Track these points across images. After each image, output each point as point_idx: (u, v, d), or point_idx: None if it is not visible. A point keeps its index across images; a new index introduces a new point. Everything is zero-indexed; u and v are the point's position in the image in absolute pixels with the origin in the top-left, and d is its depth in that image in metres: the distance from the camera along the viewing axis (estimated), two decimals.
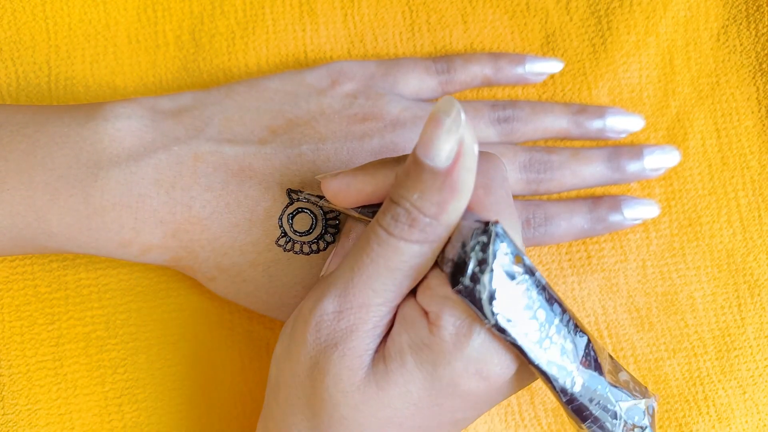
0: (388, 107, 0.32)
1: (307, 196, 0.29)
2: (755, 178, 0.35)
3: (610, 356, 0.25)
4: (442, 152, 0.22)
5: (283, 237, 0.30)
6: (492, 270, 0.22)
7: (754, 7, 0.36)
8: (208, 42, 0.35)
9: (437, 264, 0.24)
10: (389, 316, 0.24)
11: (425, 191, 0.22)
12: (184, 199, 0.29)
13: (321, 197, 0.29)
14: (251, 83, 0.32)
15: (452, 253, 0.23)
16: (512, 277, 0.22)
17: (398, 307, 0.25)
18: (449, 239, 0.23)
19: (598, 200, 0.34)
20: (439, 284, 0.23)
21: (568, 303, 0.34)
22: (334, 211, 0.30)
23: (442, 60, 0.34)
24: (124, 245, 0.29)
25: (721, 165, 0.35)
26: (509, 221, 0.24)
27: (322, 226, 0.30)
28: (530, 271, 0.22)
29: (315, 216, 0.30)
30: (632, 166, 0.34)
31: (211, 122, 0.31)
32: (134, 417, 0.33)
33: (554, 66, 0.35)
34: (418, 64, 0.34)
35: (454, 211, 0.23)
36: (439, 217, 0.23)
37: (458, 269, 0.22)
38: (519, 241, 0.24)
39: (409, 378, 0.24)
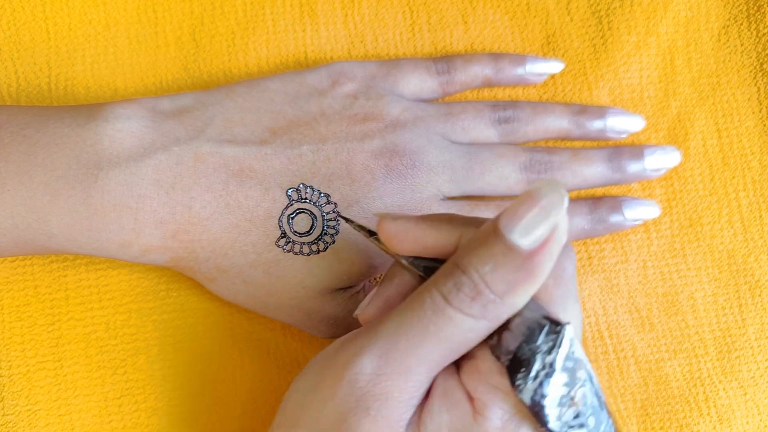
0: (389, 108, 0.32)
1: (358, 227, 0.27)
2: (756, 179, 0.35)
3: None
4: (532, 234, 0.20)
5: (283, 238, 0.30)
6: (556, 374, 0.21)
7: (755, 7, 0.36)
8: (209, 42, 0.35)
9: (489, 346, 0.22)
10: (427, 386, 0.23)
11: (499, 267, 0.21)
12: (184, 200, 0.29)
13: (372, 233, 0.27)
14: (252, 84, 0.32)
15: (513, 344, 0.21)
16: (573, 383, 0.21)
17: (437, 377, 0.23)
18: (508, 324, 0.22)
19: (599, 201, 0.34)
20: (492, 372, 0.22)
21: None
22: (333, 213, 0.30)
23: (443, 60, 0.34)
24: (125, 246, 0.29)
25: (722, 165, 0.35)
26: (575, 320, 0.23)
27: (322, 227, 0.30)
28: (590, 378, 0.21)
29: (315, 217, 0.30)
30: (633, 167, 0.34)
31: (211, 123, 0.30)
32: (134, 418, 0.33)
33: (555, 66, 0.35)
34: (419, 64, 0.34)
35: (523, 294, 0.21)
36: (506, 298, 0.21)
37: (520, 365, 0.21)
38: (581, 337, 0.23)
39: None
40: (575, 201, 0.34)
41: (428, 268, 0.24)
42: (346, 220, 0.28)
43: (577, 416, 0.21)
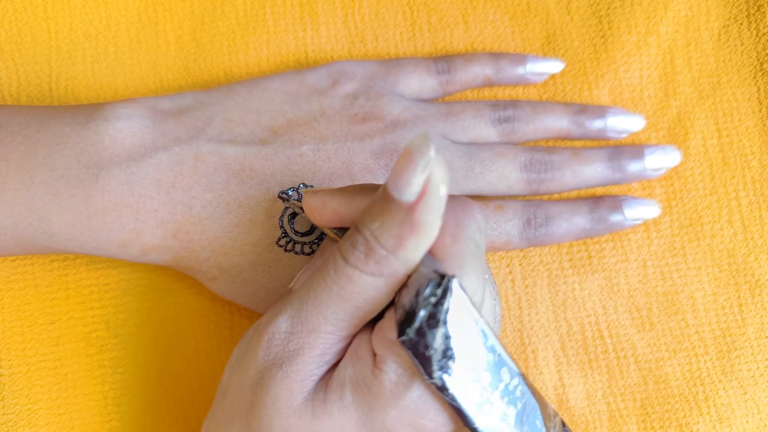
0: (389, 107, 0.32)
1: (293, 203, 0.29)
2: (756, 178, 0.35)
3: (563, 423, 0.25)
4: (408, 186, 0.21)
5: (283, 237, 0.30)
6: (440, 326, 0.21)
7: (755, 7, 0.36)
8: (209, 42, 0.35)
9: (393, 305, 0.23)
10: (340, 345, 0.24)
11: (385, 222, 0.22)
12: (184, 200, 0.29)
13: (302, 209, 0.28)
14: (252, 83, 0.32)
15: (406, 299, 0.22)
16: (461, 337, 0.21)
17: (354, 337, 0.24)
18: (406, 283, 0.22)
19: (599, 200, 0.34)
20: (390, 328, 0.23)
21: (569, 303, 0.34)
22: None
23: (443, 60, 0.34)
24: (125, 245, 0.29)
25: (722, 165, 0.35)
26: (473, 276, 0.23)
27: None
28: (483, 334, 0.22)
29: None
30: (633, 166, 0.34)
31: (211, 122, 0.31)
32: (134, 417, 0.33)
33: (555, 66, 0.35)
34: (419, 64, 0.34)
35: (412, 249, 0.22)
36: (396, 252, 0.22)
37: (407, 319, 0.21)
38: (479, 297, 0.23)
39: (344, 413, 0.23)
40: (576, 200, 0.34)
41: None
42: (283, 199, 0.29)
43: (467, 371, 0.21)
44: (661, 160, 0.34)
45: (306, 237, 0.30)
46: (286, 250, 0.30)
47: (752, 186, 0.35)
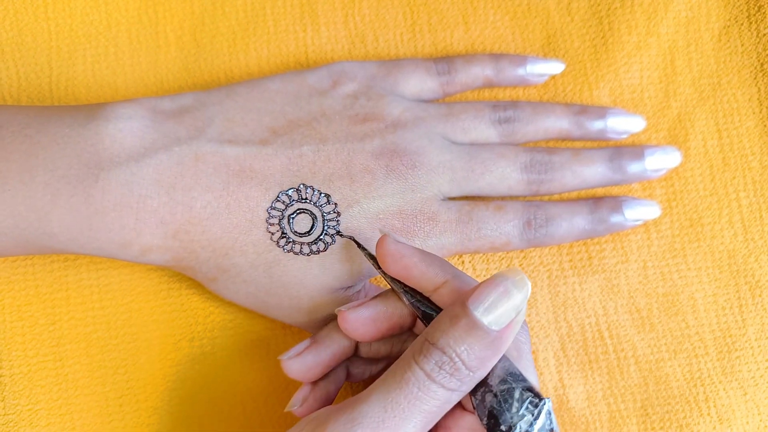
0: (389, 108, 0.32)
1: (363, 248, 0.29)
2: (756, 179, 0.35)
3: None
4: (500, 318, 0.24)
5: (283, 238, 0.30)
6: None
7: (756, 8, 0.36)
8: (209, 42, 0.35)
9: (473, 404, 0.25)
10: None
11: (473, 346, 0.24)
12: (184, 200, 0.29)
13: (373, 257, 0.29)
14: (252, 84, 0.32)
15: (490, 405, 0.24)
16: None
17: None
18: (491, 387, 0.24)
19: (599, 201, 0.34)
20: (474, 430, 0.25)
21: (569, 304, 0.34)
22: (333, 213, 0.30)
23: (443, 61, 0.34)
24: (125, 246, 0.29)
25: (722, 166, 0.35)
26: (534, 384, 0.25)
27: (322, 228, 0.30)
28: None
29: (315, 217, 0.30)
30: (633, 167, 0.34)
31: (212, 123, 0.31)
32: (134, 417, 0.33)
33: (555, 67, 0.35)
34: (419, 65, 0.34)
35: (491, 366, 0.24)
36: (478, 371, 0.24)
37: (496, 424, 0.24)
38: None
39: None
40: (576, 201, 0.34)
41: (415, 302, 0.27)
42: (358, 244, 0.29)
43: None
44: (661, 160, 0.34)
45: (305, 237, 0.30)
46: (285, 251, 0.30)
47: (752, 187, 0.35)
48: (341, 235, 0.30)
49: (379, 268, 0.28)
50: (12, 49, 0.35)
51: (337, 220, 0.30)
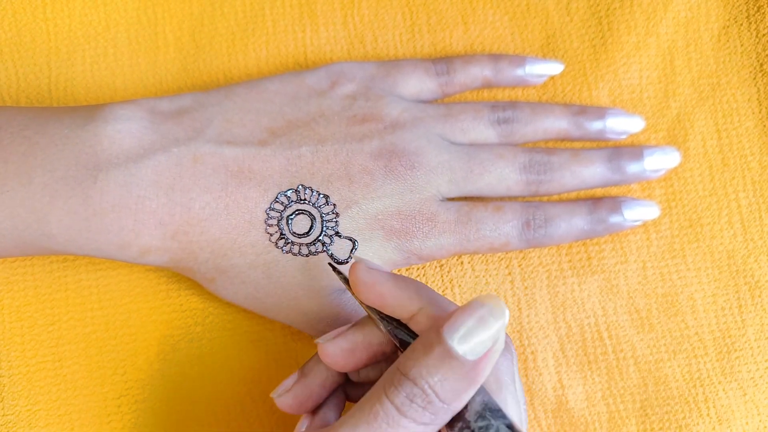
0: (388, 109, 0.32)
1: (339, 273, 0.28)
2: (756, 179, 0.35)
3: None
4: (476, 347, 0.22)
5: (282, 239, 0.30)
6: None
7: (755, 8, 0.36)
8: (208, 43, 0.35)
9: None
10: None
11: (447, 378, 0.22)
12: (183, 201, 0.29)
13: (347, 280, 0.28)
14: (251, 85, 0.32)
15: None
16: None
17: None
18: (457, 421, 0.23)
19: (598, 201, 0.34)
20: None
21: (568, 305, 0.34)
22: (332, 213, 0.30)
23: (442, 62, 0.34)
24: (124, 247, 0.29)
25: (721, 166, 0.35)
26: (514, 415, 0.24)
27: (321, 228, 0.30)
28: None
29: (314, 218, 0.30)
30: (632, 167, 0.34)
31: (210, 124, 0.31)
32: (134, 418, 0.33)
33: (554, 68, 0.35)
34: (418, 65, 0.34)
35: (466, 398, 0.23)
36: (453, 404, 0.22)
37: None
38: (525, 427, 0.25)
39: None
40: (575, 201, 0.34)
41: (393, 329, 0.25)
42: (334, 268, 0.28)
43: None
44: (660, 161, 0.34)
45: (304, 238, 0.30)
46: (284, 252, 0.30)
47: (752, 187, 0.35)
48: (340, 236, 0.30)
49: (354, 294, 0.27)
50: (11, 49, 0.35)
51: (336, 221, 0.30)
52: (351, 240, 0.30)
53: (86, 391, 0.33)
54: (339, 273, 0.28)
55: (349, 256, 0.30)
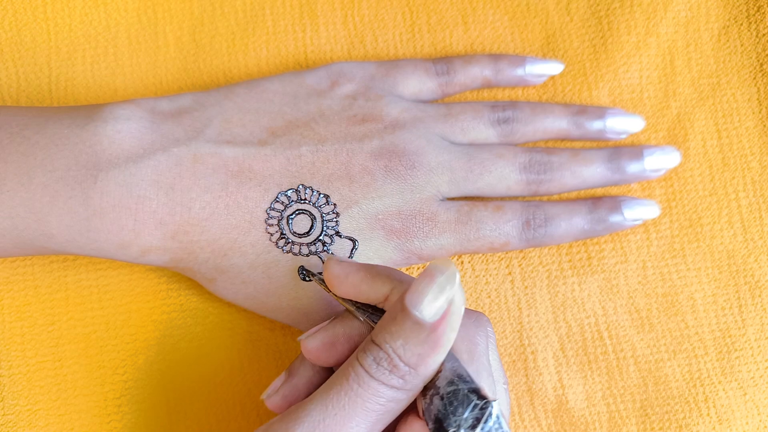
0: (388, 108, 0.32)
1: (320, 278, 0.29)
2: (756, 179, 0.35)
3: None
4: (431, 308, 0.23)
5: (282, 238, 0.30)
6: None
7: (755, 8, 0.36)
8: (209, 43, 0.35)
9: (422, 408, 0.24)
10: None
11: (408, 341, 0.23)
12: (183, 201, 0.29)
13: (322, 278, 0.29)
14: (251, 84, 0.32)
15: (441, 411, 0.23)
16: None
17: None
18: (438, 390, 0.23)
19: (598, 201, 0.34)
20: None
21: (568, 304, 0.34)
22: (332, 213, 0.30)
23: (442, 62, 0.34)
24: (124, 247, 0.29)
25: (721, 166, 0.35)
26: (488, 390, 0.24)
27: (321, 228, 0.30)
28: None
29: (314, 218, 0.30)
30: (632, 167, 0.34)
31: (210, 123, 0.31)
32: (134, 418, 0.33)
33: (554, 68, 0.35)
34: (418, 65, 0.34)
35: (432, 364, 0.23)
36: (418, 368, 0.23)
37: (441, 429, 0.23)
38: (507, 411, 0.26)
39: None
40: (575, 201, 0.34)
41: (369, 315, 0.26)
42: (308, 271, 0.29)
43: None
44: (660, 160, 0.34)
45: (304, 238, 0.30)
46: (284, 251, 0.30)
47: (752, 187, 0.35)
48: (340, 236, 0.30)
49: (330, 291, 0.27)
50: (11, 49, 0.35)
51: (336, 221, 0.30)
52: (351, 240, 0.30)
53: (86, 391, 0.33)
54: (314, 275, 0.29)
55: (350, 256, 0.30)
